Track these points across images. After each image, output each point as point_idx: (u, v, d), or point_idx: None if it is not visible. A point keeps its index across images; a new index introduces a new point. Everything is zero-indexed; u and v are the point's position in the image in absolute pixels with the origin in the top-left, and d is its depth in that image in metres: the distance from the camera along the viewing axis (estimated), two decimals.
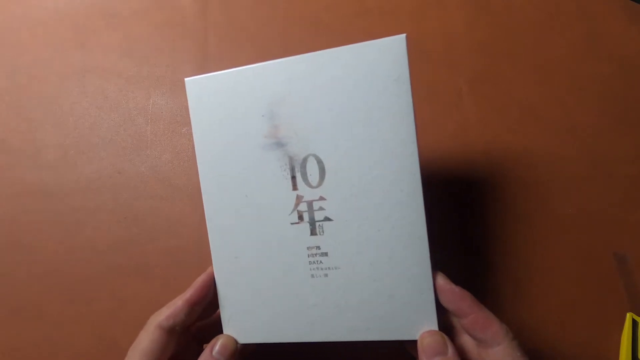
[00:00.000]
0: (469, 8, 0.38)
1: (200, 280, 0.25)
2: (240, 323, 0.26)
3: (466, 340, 0.25)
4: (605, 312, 0.32)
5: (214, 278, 0.26)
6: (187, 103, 0.37)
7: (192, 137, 0.37)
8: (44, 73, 0.38)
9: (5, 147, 0.37)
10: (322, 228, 0.24)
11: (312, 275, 0.25)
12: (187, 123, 0.37)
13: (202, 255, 0.34)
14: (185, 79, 0.26)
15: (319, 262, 0.24)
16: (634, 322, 0.32)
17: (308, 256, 0.24)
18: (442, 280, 0.23)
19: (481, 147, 0.35)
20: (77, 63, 0.39)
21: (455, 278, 0.24)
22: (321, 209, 0.24)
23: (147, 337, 0.24)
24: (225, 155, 0.25)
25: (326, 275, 0.24)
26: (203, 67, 0.38)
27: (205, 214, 0.26)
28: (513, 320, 0.32)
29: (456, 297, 0.23)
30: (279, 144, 0.24)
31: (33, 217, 0.35)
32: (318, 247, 0.24)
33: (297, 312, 0.25)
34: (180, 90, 0.38)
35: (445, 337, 0.23)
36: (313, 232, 0.24)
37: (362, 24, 0.38)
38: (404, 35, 0.23)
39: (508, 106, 0.36)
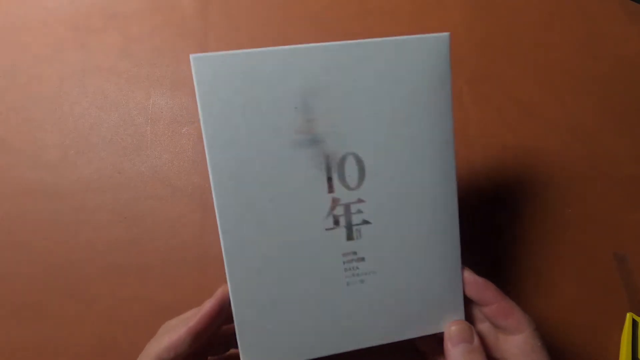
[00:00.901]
0: (469, 8, 0.38)
1: (207, 306, 0.22)
2: (262, 348, 0.23)
3: (483, 328, 0.25)
4: (605, 312, 0.32)
5: (223, 303, 0.23)
6: (187, 103, 0.37)
7: (192, 137, 0.36)
8: (44, 73, 0.38)
9: (5, 147, 0.37)
10: (360, 232, 0.23)
11: (348, 283, 0.23)
12: (187, 123, 0.37)
13: (202, 255, 0.34)
14: (191, 55, 0.21)
15: (355, 268, 0.23)
16: (634, 322, 0.32)
17: (343, 263, 0.23)
18: (467, 273, 0.25)
19: (481, 147, 0.35)
20: (77, 63, 0.39)
21: None
22: (359, 211, 0.22)
23: None
24: (244, 153, 0.21)
25: (362, 281, 0.23)
26: None
27: (219, 224, 0.22)
28: None
29: (480, 287, 0.24)
30: (314, 141, 0.21)
31: (33, 217, 0.35)
32: (354, 253, 0.23)
33: (330, 324, 0.23)
34: (180, 90, 0.38)
35: (472, 327, 0.24)
36: (350, 237, 0.22)
37: (362, 24, 0.38)
38: (447, 34, 0.22)
39: (508, 106, 0.36)
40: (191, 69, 0.21)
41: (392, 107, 0.22)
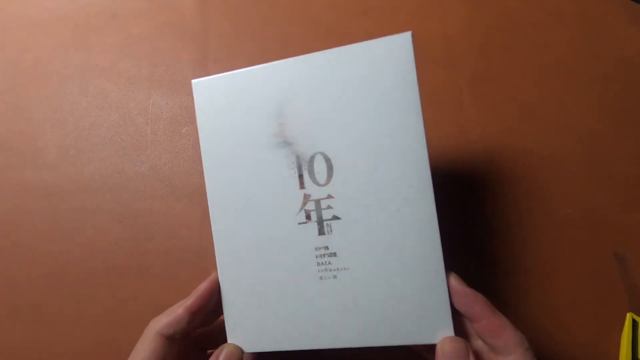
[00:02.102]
0: (469, 8, 0.38)
1: (203, 287, 0.24)
2: (246, 331, 0.25)
3: (480, 345, 0.23)
4: (605, 312, 0.32)
5: (217, 285, 0.25)
6: (187, 103, 0.37)
7: (191, 137, 0.37)
8: (44, 73, 0.38)
9: (5, 147, 0.37)
10: (331, 227, 0.24)
11: (321, 277, 0.24)
12: (187, 123, 0.37)
13: (202, 255, 0.34)
14: (193, 81, 0.26)
15: (327, 263, 0.24)
16: (634, 322, 0.32)
17: (316, 257, 0.24)
18: (454, 281, 0.22)
19: (481, 147, 0.35)
20: (77, 63, 0.39)
21: None
22: (329, 207, 0.24)
23: (147, 346, 0.23)
24: (232, 156, 0.25)
25: (335, 276, 0.24)
26: (203, 67, 0.38)
27: (211, 217, 0.25)
28: (512, 321, 0.32)
29: (468, 299, 0.22)
30: (286, 143, 0.24)
31: (33, 217, 0.35)
32: (326, 247, 0.24)
33: (304, 317, 0.24)
34: (180, 90, 0.38)
35: (467, 344, 0.22)
36: (321, 232, 0.24)
37: (362, 24, 0.38)
38: (409, 32, 0.23)
39: (508, 106, 0.36)
40: (192, 87, 0.26)
41: (357, 106, 0.24)
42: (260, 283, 0.25)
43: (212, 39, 0.38)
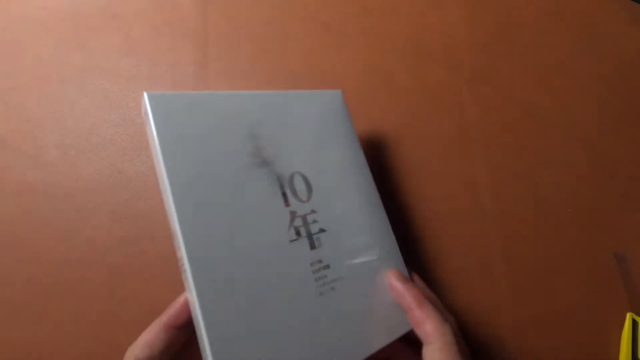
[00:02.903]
0: (469, 8, 0.38)
1: (180, 300, 0.22)
2: None
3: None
4: (605, 312, 0.32)
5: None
6: None
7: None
8: (44, 73, 0.38)
9: (5, 147, 0.37)
10: (320, 240, 0.24)
11: (321, 293, 0.23)
12: None
13: None
14: (145, 93, 0.23)
15: (324, 276, 0.24)
16: (634, 322, 0.32)
17: (313, 272, 0.23)
18: (392, 277, 0.25)
19: (481, 147, 0.35)
20: (77, 63, 0.39)
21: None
22: (315, 221, 0.25)
23: None
24: (205, 179, 0.22)
25: (333, 288, 0.24)
26: (203, 67, 0.38)
27: (185, 252, 0.21)
28: (512, 321, 0.32)
29: (397, 293, 0.24)
30: (265, 162, 0.25)
31: (33, 217, 0.35)
32: (320, 261, 0.24)
33: (309, 338, 0.22)
34: (180, 90, 0.38)
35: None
36: (312, 246, 0.24)
37: (362, 24, 0.38)
38: (339, 91, 0.30)
39: (508, 106, 0.36)
40: (147, 105, 0.23)
41: (315, 137, 0.27)
42: (256, 314, 0.21)
43: (212, 39, 0.38)
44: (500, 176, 0.35)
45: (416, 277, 0.26)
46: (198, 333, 0.21)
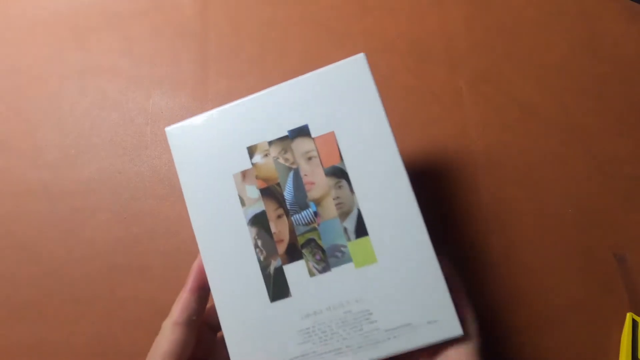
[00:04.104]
0: (469, 8, 0.38)
1: (194, 265, 0.25)
2: None
3: None
4: (605, 312, 0.32)
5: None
6: (187, 103, 0.37)
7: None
8: (44, 73, 0.38)
9: (5, 147, 0.37)
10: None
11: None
12: None
13: None
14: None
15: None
16: (634, 322, 0.32)
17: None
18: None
19: (481, 147, 0.35)
20: (77, 63, 0.39)
21: None
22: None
23: (167, 338, 0.23)
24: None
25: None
26: (203, 67, 0.38)
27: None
28: (513, 321, 0.32)
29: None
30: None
31: (33, 217, 0.35)
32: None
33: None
34: (180, 90, 0.38)
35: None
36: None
37: (362, 24, 0.38)
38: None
39: (508, 106, 0.36)
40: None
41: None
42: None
43: (212, 39, 0.38)
44: (500, 176, 0.35)
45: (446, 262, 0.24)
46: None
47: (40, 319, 0.34)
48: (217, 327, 0.27)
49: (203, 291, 0.25)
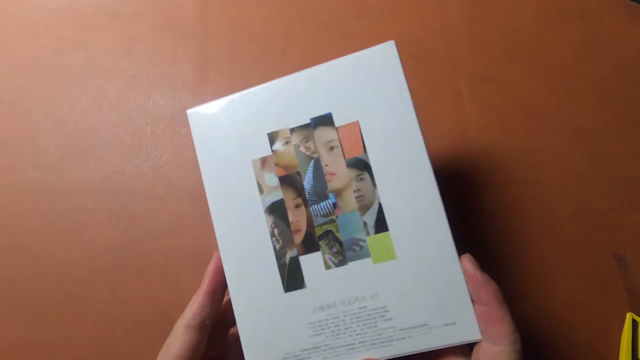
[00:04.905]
0: (469, 8, 0.38)
1: (210, 268, 0.24)
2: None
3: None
4: (605, 312, 0.32)
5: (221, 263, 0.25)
6: (187, 103, 0.37)
7: (191, 137, 0.36)
8: (44, 73, 0.38)
9: (5, 147, 0.37)
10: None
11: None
12: (187, 123, 0.37)
13: (202, 255, 0.34)
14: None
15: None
16: (634, 322, 0.32)
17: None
18: (468, 264, 0.22)
19: (481, 147, 0.35)
20: (77, 63, 0.39)
21: None
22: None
23: (178, 339, 0.23)
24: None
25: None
26: (203, 67, 0.38)
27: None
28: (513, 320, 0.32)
29: (478, 284, 0.22)
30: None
31: (33, 217, 0.35)
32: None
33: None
34: (180, 90, 0.38)
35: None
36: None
37: (362, 24, 0.38)
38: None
39: (508, 106, 0.36)
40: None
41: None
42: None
43: (212, 39, 0.38)
44: (501, 176, 0.35)
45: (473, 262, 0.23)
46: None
47: (40, 319, 0.34)
48: (230, 324, 0.26)
49: (218, 294, 0.24)
